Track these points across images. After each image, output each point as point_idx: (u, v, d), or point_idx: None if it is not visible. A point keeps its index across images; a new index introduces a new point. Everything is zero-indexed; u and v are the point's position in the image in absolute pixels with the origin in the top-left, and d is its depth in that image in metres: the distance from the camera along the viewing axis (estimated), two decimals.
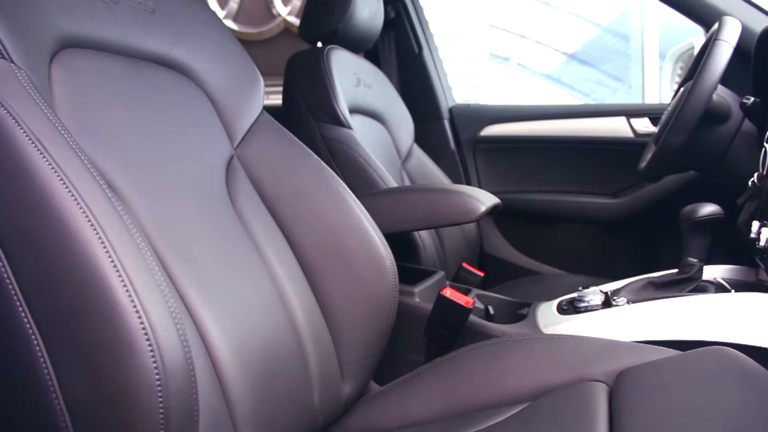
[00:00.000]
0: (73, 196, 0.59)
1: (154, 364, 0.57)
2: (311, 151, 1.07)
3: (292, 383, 0.87)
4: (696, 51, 1.59)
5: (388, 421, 0.96)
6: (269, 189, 1.02)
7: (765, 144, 1.26)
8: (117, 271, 0.58)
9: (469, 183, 2.28)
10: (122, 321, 0.57)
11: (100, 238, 0.58)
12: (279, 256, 0.96)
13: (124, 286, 0.57)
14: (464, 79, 4.90)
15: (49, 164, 0.60)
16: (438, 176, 2.02)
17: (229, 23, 4.42)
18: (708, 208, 1.20)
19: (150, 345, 0.57)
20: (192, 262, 0.80)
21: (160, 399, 0.57)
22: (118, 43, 0.89)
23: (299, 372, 0.89)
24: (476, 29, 5.54)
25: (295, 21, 4.29)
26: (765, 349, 1.05)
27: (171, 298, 0.61)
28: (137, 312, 0.57)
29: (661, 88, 5.29)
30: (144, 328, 0.57)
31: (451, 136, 2.30)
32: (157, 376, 0.57)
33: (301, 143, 1.08)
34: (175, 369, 0.58)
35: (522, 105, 2.36)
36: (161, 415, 0.57)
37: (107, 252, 0.58)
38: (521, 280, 2.05)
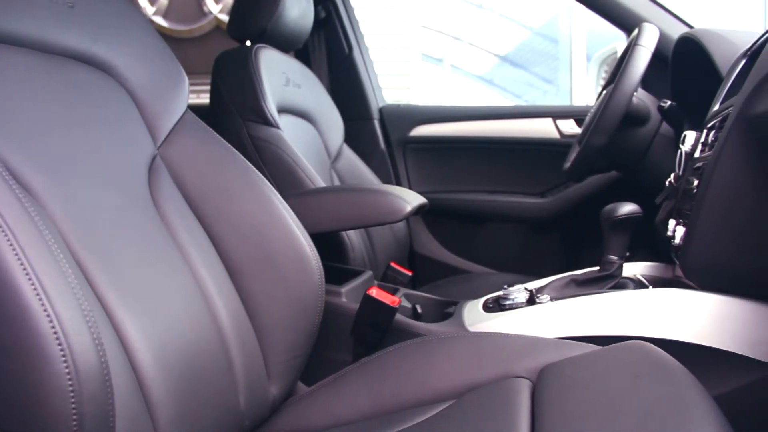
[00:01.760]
0: None
1: (66, 369, 0.55)
2: (236, 151, 1.06)
3: (216, 385, 0.86)
4: (619, 55, 1.64)
5: (316, 422, 0.96)
6: (193, 189, 1.00)
7: (680, 146, 1.30)
8: (27, 274, 0.56)
9: (398, 183, 2.29)
10: (33, 325, 0.55)
11: (9, 240, 0.56)
12: (203, 258, 0.95)
13: (35, 289, 0.56)
14: (396, 79, 4.92)
15: None
16: (368, 176, 2.03)
17: (159, 20, 4.33)
18: (626, 208, 1.23)
19: (62, 350, 0.55)
20: (112, 265, 0.78)
21: (73, 405, 0.56)
22: (34, 38, 0.86)
23: (224, 374, 0.88)
24: (408, 30, 5.56)
25: (227, 19, 4.23)
26: (680, 342, 1.09)
27: (85, 301, 0.59)
28: (48, 316, 0.55)
29: (588, 91, 5.42)
30: (56, 333, 0.55)
31: (381, 136, 2.31)
32: (70, 382, 0.55)
33: (226, 143, 1.07)
34: (89, 374, 0.57)
35: (452, 106, 2.38)
36: (74, 421, 0.56)
37: (17, 255, 0.56)
38: (450, 279, 2.07)
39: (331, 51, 2.33)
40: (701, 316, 1.09)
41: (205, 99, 1.73)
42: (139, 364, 0.75)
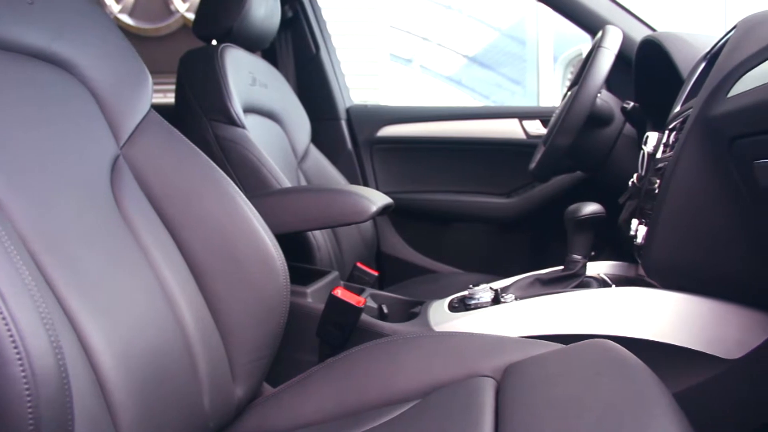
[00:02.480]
0: None
1: (23, 373, 0.54)
2: (200, 151, 1.05)
3: (180, 387, 0.85)
4: (584, 57, 1.66)
5: (281, 423, 0.95)
6: (157, 190, 0.99)
7: (643, 146, 1.32)
8: None
9: (365, 183, 2.29)
10: None
11: None
12: (166, 259, 0.94)
13: None
14: (364, 79, 4.92)
15: None
16: (335, 176, 2.03)
17: (125, 18, 4.28)
18: (590, 208, 1.25)
19: (18, 353, 0.54)
20: (73, 266, 0.77)
21: (30, 409, 0.55)
22: None
23: (188, 376, 0.87)
24: (377, 30, 5.56)
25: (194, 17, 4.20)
26: (642, 340, 1.10)
27: (43, 303, 0.59)
28: (4, 319, 0.54)
29: (555, 92, 5.47)
30: (11, 336, 0.54)
31: (348, 136, 2.31)
32: (26, 386, 0.54)
33: (190, 143, 1.06)
34: (46, 377, 0.56)
35: (419, 106, 2.40)
36: (31, 426, 0.55)
37: None
38: (417, 279, 2.08)
39: (298, 51, 2.33)
40: (663, 314, 1.11)
41: (171, 98, 1.71)
42: (100, 366, 0.74)
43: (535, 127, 2.15)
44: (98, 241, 0.84)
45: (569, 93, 1.63)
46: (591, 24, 1.86)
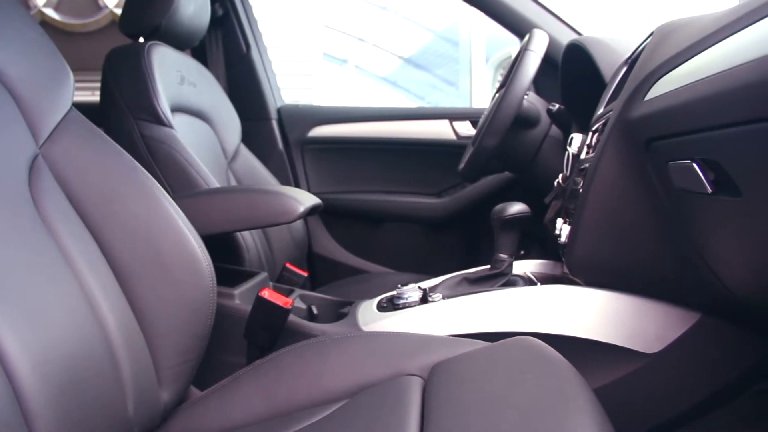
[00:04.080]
0: None
1: None
2: (124, 151, 1.03)
3: (102, 393, 0.83)
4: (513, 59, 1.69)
5: (209, 426, 0.94)
6: (78, 190, 0.97)
7: (568, 147, 1.35)
8: None
9: (296, 183, 2.29)
10: None
11: None
12: (88, 261, 0.91)
13: None
14: (297, 79, 4.90)
15: None
16: (265, 177, 2.01)
17: (50, 12, 4.16)
18: (515, 207, 1.27)
19: None
20: None
21: None
22: None
23: (110, 381, 0.85)
24: (310, 30, 5.54)
25: None
26: (566, 336, 1.13)
27: None
28: None
29: (487, 93, 5.54)
30: None
31: (279, 136, 2.30)
32: None
33: (114, 142, 1.03)
34: None
35: (350, 107, 2.40)
36: None
37: None
38: (349, 279, 2.08)
39: (228, 50, 2.30)
40: (585, 311, 1.14)
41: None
42: (16, 374, 0.71)
43: (465, 128, 2.18)
44: (14, 243, 0.81)
45: (497, 95, 1.65)
46: (519, 27, 1.90)
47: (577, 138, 1.34)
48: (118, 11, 4.14)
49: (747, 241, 0.79)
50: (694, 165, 0.77)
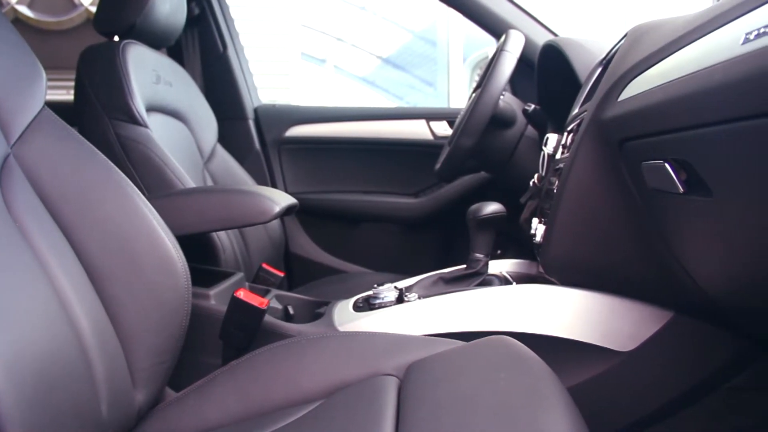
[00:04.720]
0: None
1: None
2: (98, 150, 1.02)
3: (75, 395, 0.83)
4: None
5: (185, 428, 0.94)
6: (51, 191, 0.95)
7: (543, 147, 1.36)
8: None
9: (273, 184, 2.28)
10: None
11: None
12: (61, 262, 0.90)
13: None
14: (275, 79, 4.88)
15: None
16: (242, 177, 2.00)
17: (23, 9, 4.11)
18: (490, 207, 1.28)
19: None
20: None
21: None
22: None
23: (83, 383, 0.85)
24: (288, 29, 5.52)
25: None
26: (540, 335, 1.14)
27: None
28: None
29: (465, 93, 5.56)
30: None
31: (255, 136, 2.29)
32: None
33: (87, 142, 1.02)
34: None
35: (327, 107, 2.40)
36: None
37: None
38: (326, 279, 2.07)
39: (204, 49, 2.29)
40: (560, 310, 1.15)
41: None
42: None
43: (442, 128, 2.19)
44: None
45: (473, 95, 1.66)
46: (496, 28, 1.91)
47: (552, 138, 1.35)
48: (94, 9, 4.11)
49: (718, 240, 0.80)
50: (667, 165, 0.78)
